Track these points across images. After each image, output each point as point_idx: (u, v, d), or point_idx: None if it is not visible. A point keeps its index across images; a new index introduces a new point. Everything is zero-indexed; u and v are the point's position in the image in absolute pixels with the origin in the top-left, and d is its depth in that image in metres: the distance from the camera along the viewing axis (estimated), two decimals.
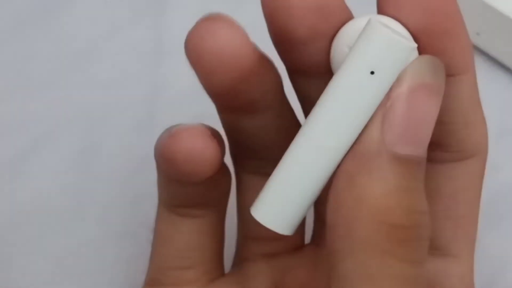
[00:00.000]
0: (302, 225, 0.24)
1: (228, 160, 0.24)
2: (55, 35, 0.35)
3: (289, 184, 0.19)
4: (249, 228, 0.24)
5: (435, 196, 0.22)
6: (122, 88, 0.34)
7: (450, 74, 0.20)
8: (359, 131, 0.19)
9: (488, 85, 0.34)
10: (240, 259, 0.25)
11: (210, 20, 0.21)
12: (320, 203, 0.20)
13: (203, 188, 0.23)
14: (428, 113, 0.19)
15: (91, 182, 0.32)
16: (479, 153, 0.22)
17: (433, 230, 0.21)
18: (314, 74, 0.21)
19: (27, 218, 0.31)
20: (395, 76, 0.19)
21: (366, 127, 0.19)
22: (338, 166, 0.19)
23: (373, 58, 0.18)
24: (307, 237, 0.26)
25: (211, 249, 0.24)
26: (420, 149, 0.19)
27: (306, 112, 0.22)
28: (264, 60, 0.21)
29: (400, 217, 0.18)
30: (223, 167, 0.23)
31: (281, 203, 0.20)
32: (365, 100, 0.19)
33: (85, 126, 0.33)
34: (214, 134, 0.22)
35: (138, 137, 0.33)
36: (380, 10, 0.20)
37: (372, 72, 0.18)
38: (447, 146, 0.21)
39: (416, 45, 0.19)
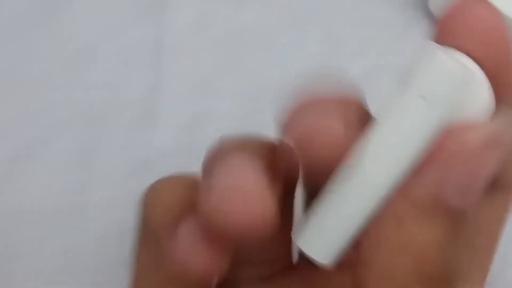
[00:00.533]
0: (289, 245, 0.24)
1: None
2: (55, 35, 0.35)
3: (334, 217, 0.19)
4: (241, 252, 0.23)
5: None
6: (122, 88, 0.34)
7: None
8: (409, 163, 0.18)
9: None
10: (230, 281, 0.24)
11: (228, 190, 0.19)
12: None
13: None
14: (491, 168, 0.18)
15: (91, 182, 0.32)
16: (509, 187, 0.21)
17: None
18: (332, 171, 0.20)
19: (27, 218, 0.31)
20: (450, 105, 0.18)
21: (423, 170, 0.18)
22: (386, 202, 0.19)
23: (426, 82, 0.18)
24: None
25: None
26: (473, 201, 0.18)
27: (308, 203, 0.22)
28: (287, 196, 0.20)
29: (439, 269, 0.18)
30: None
31: (326, 235, 0.19)
32: (417, 129, 0.18)
33: (85, 126, 0.33)
34: None
35: (138, 137, 0.33)
36: (440, 41, 0.19)
37: (423, 97, 0.18)
38: None
39: (475, 72, 0.18)
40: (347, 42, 0.35)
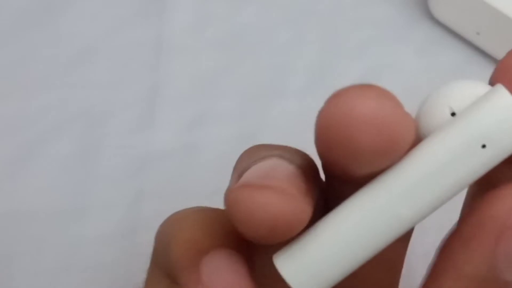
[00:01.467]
0: None
1: None
2: (55, 35, 0.35)
3: (334, 243, 0.17)
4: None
5: None
6: (122, 87, 0.34)
7: None
8: (439, 205, 0.16)
9: None
10: None
11: (256, 188, 0.16)
12: None
13: None
14: None
15: (91, 182, 0.32)
16: None
17: None
18: (362, 181, 0.17)
19: (27, 218, 0.31)
20: (506, 155, 0.16)
21: (472, 242, 0.17)
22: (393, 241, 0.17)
23: (491, 129, 0.16)
24: None
25: None
26: None
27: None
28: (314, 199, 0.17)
29: None
30: None
31: (316, 262, 0.17)
32: (463, 173, 0.16)
33: (85, 126, 0.33)
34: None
35: (138, 137, 0.33)
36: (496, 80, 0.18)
37: (483, 146, 0.16)
38: None
39: None
40: (347, 42, 0.35)
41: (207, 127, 0.33)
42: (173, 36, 0.35)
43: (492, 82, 0.17)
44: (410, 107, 0.18)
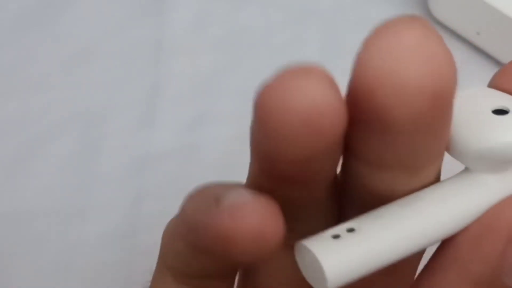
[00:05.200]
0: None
1: None
2: (55, 35, 0.35)
3: (368, 242, 0.16)
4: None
5: None
6: (122, 87, 0.34)
7: None
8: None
9: None
10: None
11: (296, 73, 0.15)
12: None
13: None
14: None
15: (91, 182, 0.32)
16: None
17: None
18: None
19: (27, 218, 0.31)
20: None
21: (481, 244, 0.16)
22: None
23: None
24: None
25: None
26: None
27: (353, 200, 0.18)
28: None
29: None
30: None
31: (342, 258, 0.16)
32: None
33: (85, 126, 0.33)
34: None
35: (138, 137, 0.33)
36: (496, 83, 0.17)
37: None
38: None
39: None
40: (347, 42, 0.35)
41: (207, 127, 0.33)
42: (173, 36, 0.35)
43: (494, 84, 0.17)
44: None
